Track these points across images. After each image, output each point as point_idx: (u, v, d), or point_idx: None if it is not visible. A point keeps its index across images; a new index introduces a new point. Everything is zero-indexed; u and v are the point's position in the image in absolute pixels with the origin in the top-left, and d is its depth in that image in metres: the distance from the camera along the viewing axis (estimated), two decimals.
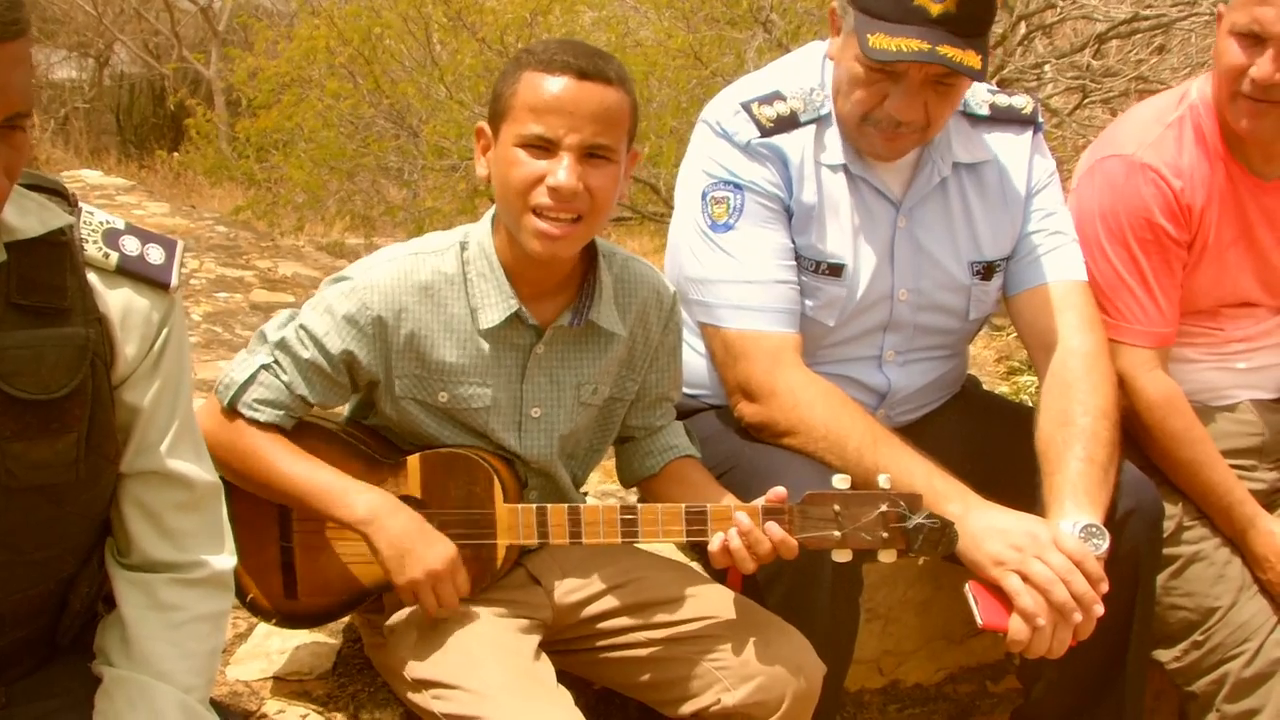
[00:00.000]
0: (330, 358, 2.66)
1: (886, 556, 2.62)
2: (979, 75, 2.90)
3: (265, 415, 2.66)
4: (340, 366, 2.68)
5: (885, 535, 2.59)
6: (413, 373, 2.71)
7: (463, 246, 2.72)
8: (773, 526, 2.57)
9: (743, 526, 2.58)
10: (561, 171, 2.52)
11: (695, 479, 2.91)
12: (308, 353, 2.66)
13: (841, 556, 2.62)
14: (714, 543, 2.61)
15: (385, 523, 2.60)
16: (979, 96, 3.25)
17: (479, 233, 2.72)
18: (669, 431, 2.99)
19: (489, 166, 2.67)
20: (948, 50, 2.80)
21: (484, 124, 2.68)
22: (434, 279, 2.69)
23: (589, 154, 2.54)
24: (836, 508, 2.58)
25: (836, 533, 2.58)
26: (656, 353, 2.90)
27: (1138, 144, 3.34)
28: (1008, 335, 7.28)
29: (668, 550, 3.09)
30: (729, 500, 2.72)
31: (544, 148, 2.53)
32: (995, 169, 3.24)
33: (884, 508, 2.58)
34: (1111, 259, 3.29)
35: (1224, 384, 3.51)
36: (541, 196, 2.54)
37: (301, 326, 2.68)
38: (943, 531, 2.59)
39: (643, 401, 2.94)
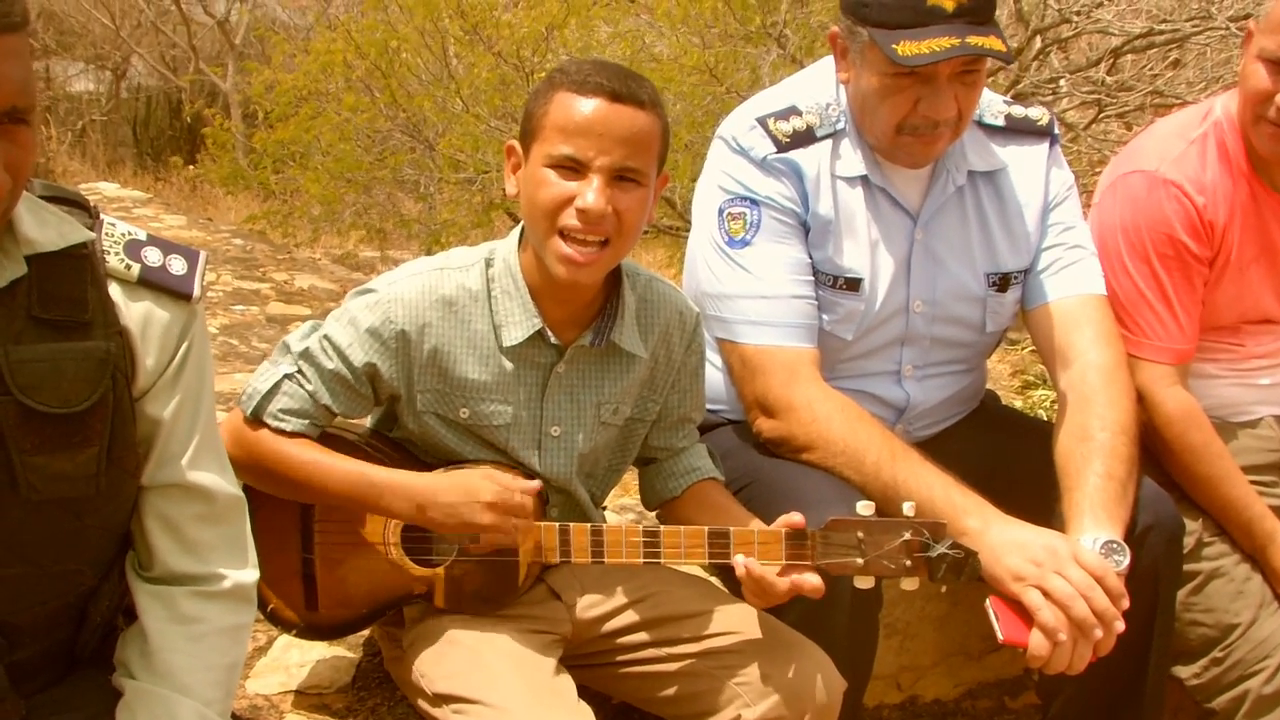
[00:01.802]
0: (353, 369, 2.66)
1: (909, 584, 2.61)
2: (1009, 57, 2.92)
3: (291, 425, 2.67)
4: (363, 378, 2.68)
5: (908, 563, 2.58)
6: (434, 388, 2.71)
7: (488, 263, 2.72)
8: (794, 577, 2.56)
9: (749, 568, 2.58)
10: (590, 193, 2.51)
11: (718, 502, 2.91)
12: (331, 363, 2.67)
13: (864, 583, 2.61)
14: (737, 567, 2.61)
15: (431, 509, 2.60)
16: (994, 108, 3.25)
17: (505, 250, 2.73)
18: (691, 453, 2.99)
19: (518, 185, 2.67)
20: (975, 40, 2.82)
21: (514, 142, 2.68)
22: (458, 294, 2.69)
23: (619, 177, 2.54)
24: (860, 534, 2.57)
25: (859, 559, 2.58)
26: (679, 374, 2.90)
27: (1161, 159, 3.33)
28: (1022, 349, 7.27)
29: (689, 566, 3.08)
30: (753, 524, 2.71)
31: (573, 169, 2.53)
32: (1011, 178, 3.24)
33: (907, 536, 2.57)
34: (1133, 274, 3.29)
35: (1245, 400, 3.50)
36: (569, 218, 2.53)
37: (325, 337, 2.68)
38: (965, 561, 2.59)
39: (664, 422, 2.94)
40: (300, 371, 2.69)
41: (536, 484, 2.64)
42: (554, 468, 2.79)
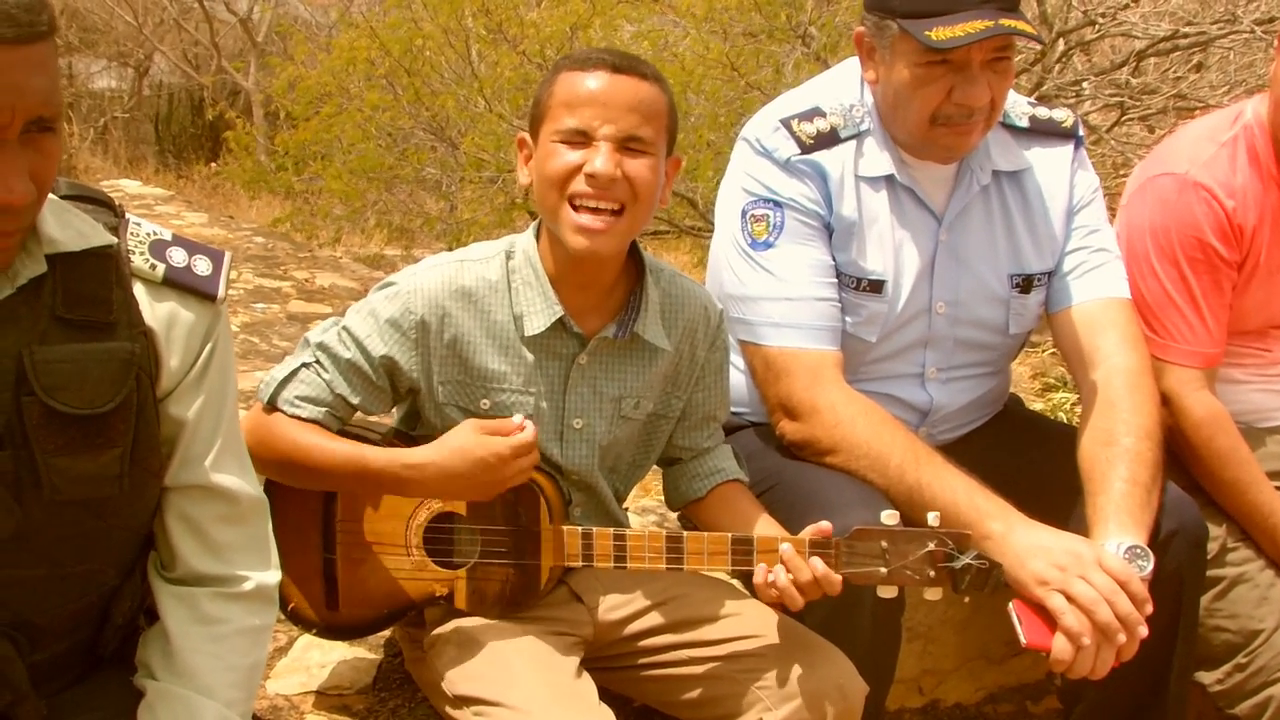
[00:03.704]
0: (371, 360, 2.67)
1: (932, 594, 2.61)
2: (1041, 39, 2.92)
3: (306, 412, 2.68)
4: (380, 370, 2.69)
5: (932, 574, 2.57)
6: (455, 379, 2.71)
7: (508, 255, 2.73)
8: (815, 561, 2.55)
9: (785, 555, 2.57)
10: (599, 159, 2.53)
11: (741, 505, 2.90)
12: (349, 353, 2.68)
13: (887, 593, 2.61)
14: (758, 574, 2.60)
15: (429, 476, 2.61)
16: (1019, 109, 3.25)
17: (524, 242, 2.74)
18: (716, 454, 2.98)
19: (530, 173, 2.68)
20: (1008, 22, 2.83)
21: (524, 134, 2.70)
22: (478, 285, 2.70)
23: (626, 146, 2.56)
24: (884, 544, 2.56)
25: (883, 569, 2.57)
26: (703, 371, 2.89)
27: (1191, 162, 3.31)
28: (1043, 352, 7.24)
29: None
30: (776, 531, 2.71)
31: (581, 141, 2.56)
32: (1036, 179, 3.23)
33: (931, 546, 2.56)
34: (1161, 277, 3.27)
35: (1271, 405, 3.48)
36: (579, 185, 2.56)
37: (345, 328, 2.70)
38: (989, 573, 2.58)
39: (689, 421, 2.93)
40: (318, 361, 2.70)
41: (525, 430, 2.62)
42: (576, 460, 2.79)
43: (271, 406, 2.70)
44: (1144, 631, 2.68)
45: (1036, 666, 3.73)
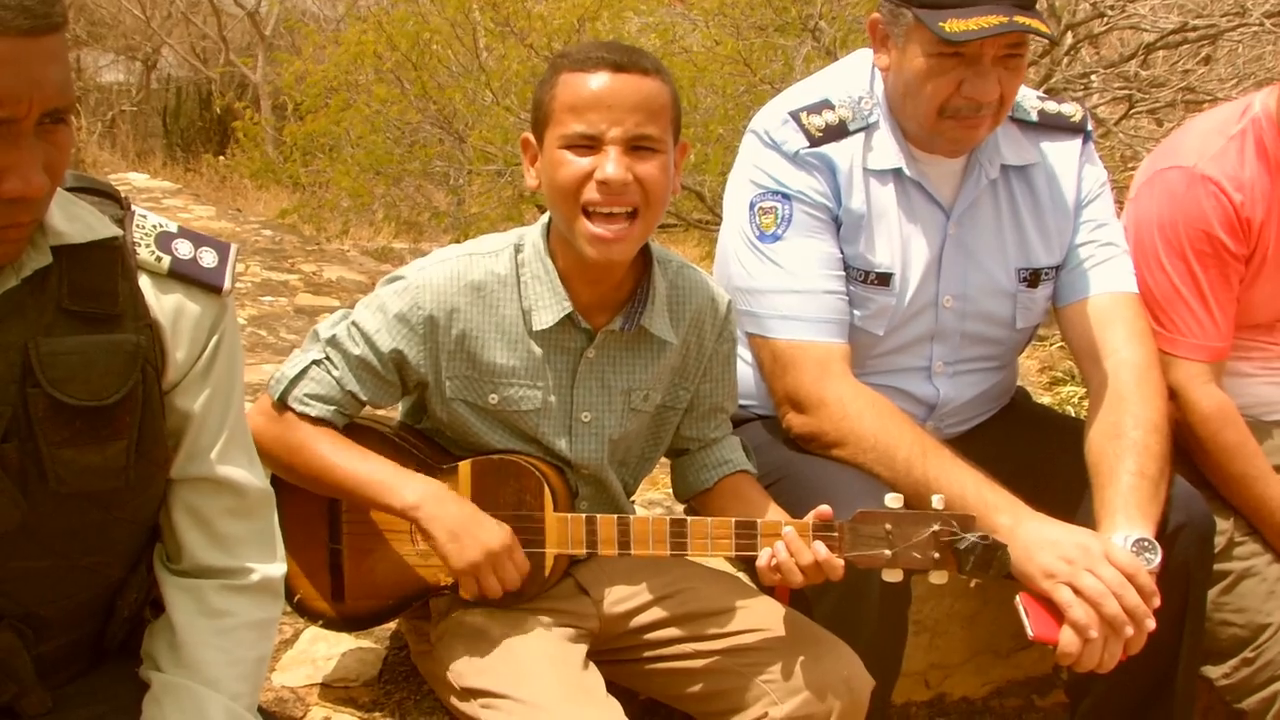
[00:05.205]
0: (380, 355, 2.66)
1: (938, 578, 2.60)
2: (1053, 37, 2.96)
3: (316, 410, 2.67)
4: (390, 365, 2.68)
5: (937, 556, 2.56)
6: (463, 374, 2.70)
7: (517, 249, 2.72)
8: (818, 546, 2.55)
9: (787, 537, 2.56)
10: (609, 165, 2.51)
11: (749, 495, 2.89)
12: (358, 349, 2.67)
13: (892, 576, 2.60)
14: (762, 558, 2.60)
15: (437, 509, 2.60)
16: (1028, 102, 3.24)
17: (534, 236, 2.72)
18: (724, 445, 2.97)
19: (538, 176, 2.66)
20: (1022, 19, 2.83)
21: (529, 135, 2.68)
22: (487, 279, 2.69)
23: (635, 146, 2.53)
24: (888, 526, 2.56)
25: (887, 551, 2.56)
26: (710, 362, 2.88)
27: (1199, 155, 3.31)
28: (1051, 345, 7.24)
29: (716, 561, 3.07)
30: (781, 518, 2.70)
31: (588, 146, 2.53)
32: (1044, 174, 3.23)
33: (936, 528, 2.55)
34: (1168, 271, 3.27)
35: (1278, 398, 3.48)
36: (591, 193, 2.53)
37: (353, 323, 2.69)
38: (994, 553, 2.57)
39: (696, 412, 2.93)
40: (328, 358, 2.70)
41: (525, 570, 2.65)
42: (585, 454, 2.78)
43: (282, 404, 2.69)
44: (1151, 625, 2.68)
45: (1043, 660, 3.73)
